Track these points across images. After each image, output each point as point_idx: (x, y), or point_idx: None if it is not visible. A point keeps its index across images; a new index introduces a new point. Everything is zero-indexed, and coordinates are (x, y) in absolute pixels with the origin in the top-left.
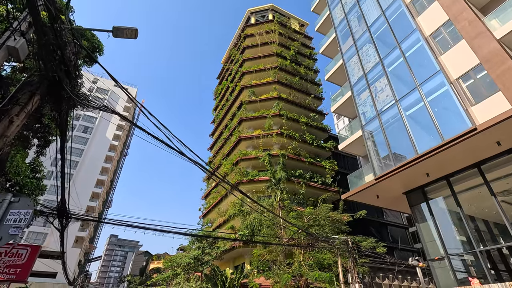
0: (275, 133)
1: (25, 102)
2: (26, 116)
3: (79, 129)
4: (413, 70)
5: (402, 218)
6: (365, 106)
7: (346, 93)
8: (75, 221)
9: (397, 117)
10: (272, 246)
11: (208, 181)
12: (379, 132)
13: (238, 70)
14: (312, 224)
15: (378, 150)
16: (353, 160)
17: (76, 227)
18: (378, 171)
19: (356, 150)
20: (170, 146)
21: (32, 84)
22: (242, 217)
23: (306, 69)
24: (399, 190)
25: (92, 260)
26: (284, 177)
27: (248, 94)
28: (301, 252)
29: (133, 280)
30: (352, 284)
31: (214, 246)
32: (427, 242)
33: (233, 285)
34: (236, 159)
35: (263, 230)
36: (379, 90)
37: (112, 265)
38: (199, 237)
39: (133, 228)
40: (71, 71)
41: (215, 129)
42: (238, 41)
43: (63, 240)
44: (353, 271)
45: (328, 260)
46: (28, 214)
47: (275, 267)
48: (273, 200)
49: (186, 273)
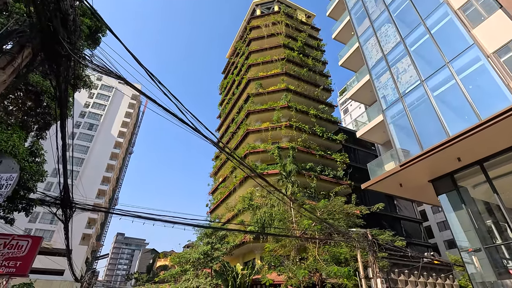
0: (284, 125)
1: (14, 54)
2: (14, 72)
3: (84, 126)
4: (441, 47)
5: (416, 213)
6: (385, 89)
7: (362, 78)
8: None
9: (423, 98)
10: (285, 240)
11: (215, 176)
12: (402, 115)
13: (244, 62)
14: (326, 217)
15: (402, 135)
16: (364, 154)
17: (83, 224)
18: (402, 157)
19: (375, 137)
20: (183, 121)
21: (22, 34)
22: (251, 211)
23: (314, 61)
24: (424, 178)
25: (99, 258)
26: (295, 169)
27: (255, 86)
28: (316, 247)
29: (140, 277)
30: (373, 279)
31: (224, 241)
32: (458, 233)
33: (244, 281)
34: (244, 153)
35: (275, 224)
36: (401, 72)
37: (119, 263)
38: (210, 229)
39: (141, 219)
40: (68, 20)
41: (221, 124)
42: (243, 33)
43: (68, 233)
44: (373, 266)
45: (345, 255)
46: (11, 180)
47: (288, 262)
48: (284, 193)
49: (195, 269)
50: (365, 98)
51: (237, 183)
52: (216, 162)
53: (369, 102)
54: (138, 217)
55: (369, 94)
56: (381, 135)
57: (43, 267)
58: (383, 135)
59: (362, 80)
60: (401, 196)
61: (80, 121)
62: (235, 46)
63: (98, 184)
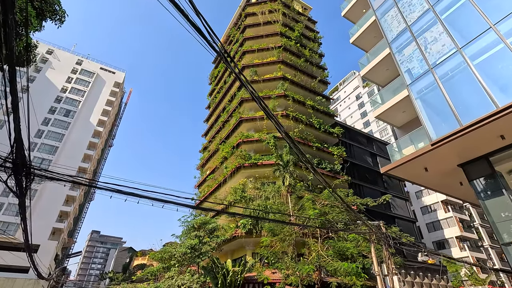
0: (280, 114)
1: None
2: None
3: (60, 112)
4: (483, 10)
5: (409, 212)
6: (410, 62)
7: (377, 56)
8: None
9: (460, 68)
10: (284, 234)
11: (202, 169)
12: (433, 89)
13: (238, 49)
14: (329, 210)
15: (431, 110)
16: (360, 150)
17: (54, 218)
18: (434, 135)
19: (391, 119)
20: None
21: None
22: (244, 203)
23: (311, 52)
24: (453, 162)
25: (71, 256)
26: (293, 160)
27: (250, 74)
28: (318, 241)
29: (115, 276)
30: (389, 276)
31: (213, 235)
32: (497, 222)
33: (236, 279)
34: (237, 142)
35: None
36: (430, 41)
37: (93, 262)
38: (200, 218)
39: (124, 195)
40: None
41: (210, 114)
42: (238, 20)
43: (24, 213)
44: (389, 261)
45: (351, 250)
46: None
47: (287, 259)
48: (281, 184)
49: (181, 266)
50: (380, 77)
51: (228, 174)
52: (204, 154)
53: (383, 82)
54: (119, 192)
55: (385, 73)
56: (399, 116)
57: (5, 263)
58: (401, 116)
59: (379, 56)
60: (422, 183)
61: (56, 106)
62: (228, 33)
63: (73, 174)
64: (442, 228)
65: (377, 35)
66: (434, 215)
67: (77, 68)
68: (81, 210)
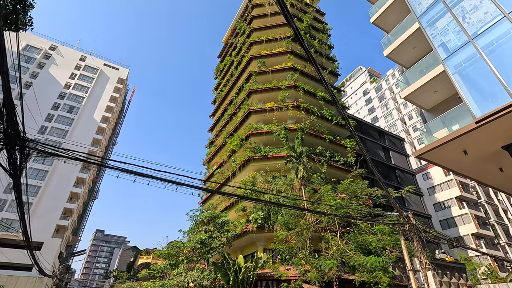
0: (291, 105)
1: None
2: None
3: (64, 109)
4: None
5: (424, 208)
6: (445, 35)
7: (404, 32)
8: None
9: (509, 35)
10: (300, 227)
11: (208, 164)
12: (475, 61)
13: (246, 41)
14: (347, 203)
15: (472, 85)
16: (371, 144)
17: (58, 215)
18: (478, 112)
19: (421, 99)
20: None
21: None
22: (255, 196)
23: (320, 43)
24: (497, 143)
25: (75, 254)
26: (306, 151)
27: (258, 65)
28: (336, 235)
29: (119, 275)
30: (422, 272)
31: (224, 230)
32: None
33: (248, 276)
34: (246, 134)
35: (282, 211)
36: (469, 10)
37: (97, 261)
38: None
39: (132, 175)
40: None
41: (216, 109)
42: (244, 12)
43: (20, 193)
44: (421, 255)
45: (375, 244)
46: None
47: (303, 254)
48: (293, 177)
49: (190, 262)
50: (405, 57)
51: (236, 167)
52: (210, 149)
53: (408, 62)
54: (127, 172)
55: (411, 52)
56: (430, 97)
57: (8, 261)
58: (432, 97)
59: (404, 35)
60: (456, 169)
61: (59, 102)
62: (234, 26)
63: (77, 171)
64: (456, 225)
65: (402, 10)
66: (448, 212)
67: (81, 64)
68: (85, 209)
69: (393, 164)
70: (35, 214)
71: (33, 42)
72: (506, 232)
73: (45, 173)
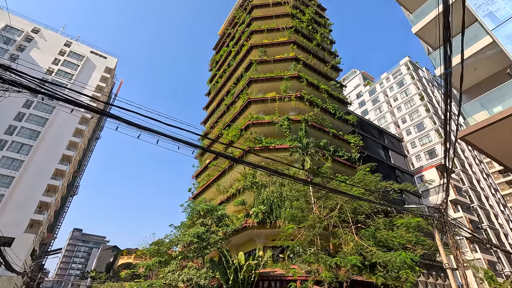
0: (294, 96)
1: None
2: None
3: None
4: None
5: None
6: (492, 4)
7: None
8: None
9: None
10: (309, 221)
11: (201, 157)
12: None
13: (245, 30)
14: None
15: None
16: (372, 142)
17: (33, 208)
18: None
19: (456, 79)
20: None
21: None
22: (255, 190)
23: (322, 37)
24: None
25: (50, 253)
26: (312, 142)
27: (259, 54)
28: (351, 230)
29: (97, 276)
30: (459, 270)
31: (222, 224)
32: None
33: (249, 275)
34: (246, 123)
35: (285, 205)
36: None
37: (73, 261)
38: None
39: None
40: None
41: (211, 101)
42: (244, 1)
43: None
44: (457, 252)
45: (398, 239)
46: None
47: (315, 250)
48: (297, 170)
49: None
50: (433, 36)
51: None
52: (204, 141)
53: (436, 44)
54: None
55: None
56: (471, 75)
57: None
58: (470, 76)
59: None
60: (499, 157)
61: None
62: (233, 15)
63: (56, 162)
64: None
65: None
66: None
67: (65, 50)
68: (63, 204)
69: (393, 164)
70: (7, 207)
71: (13, 23)
72: (498, 237)
73: (20, 163)
